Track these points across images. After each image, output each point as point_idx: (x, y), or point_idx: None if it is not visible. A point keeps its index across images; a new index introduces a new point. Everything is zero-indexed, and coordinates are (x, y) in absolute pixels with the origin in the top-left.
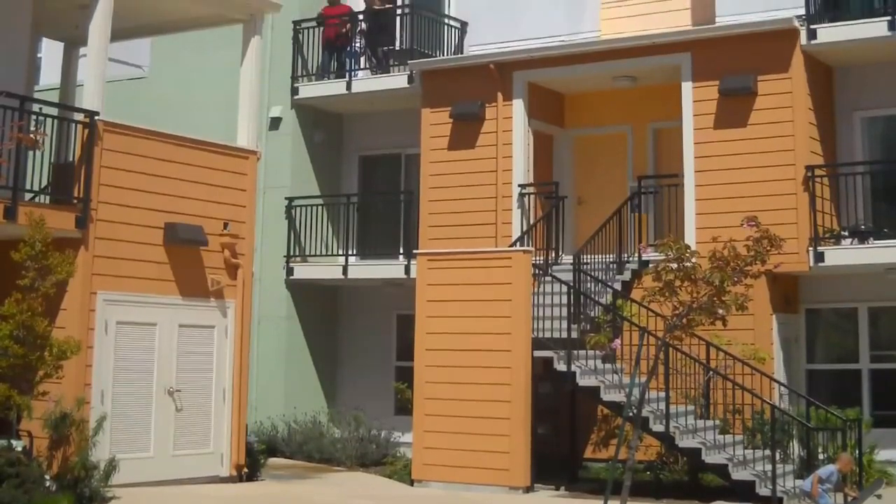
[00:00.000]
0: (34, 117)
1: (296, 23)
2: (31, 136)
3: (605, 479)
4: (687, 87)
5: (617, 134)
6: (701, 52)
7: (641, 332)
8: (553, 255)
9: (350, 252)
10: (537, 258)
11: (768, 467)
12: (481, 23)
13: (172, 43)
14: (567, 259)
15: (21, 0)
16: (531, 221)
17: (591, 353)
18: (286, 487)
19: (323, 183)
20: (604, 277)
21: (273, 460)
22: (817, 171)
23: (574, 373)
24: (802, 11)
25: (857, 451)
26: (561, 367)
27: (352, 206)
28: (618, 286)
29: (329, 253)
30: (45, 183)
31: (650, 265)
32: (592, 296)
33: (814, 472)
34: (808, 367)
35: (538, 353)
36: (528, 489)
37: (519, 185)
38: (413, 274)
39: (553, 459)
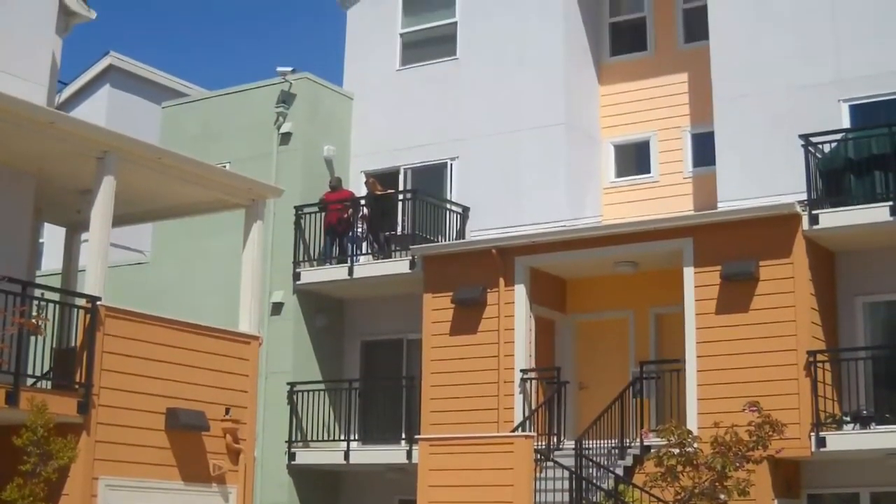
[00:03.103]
0: (36, 302)
1: (297, 208)
2: (33, 321)
3: None
4: (689, 273)
5: (618, 319)
6: (702, 238)
7: None
8: (555, 440)
9: (352, 437)
10: (539, 443)
11: None
12: (483, 208)
13: (174, 228)
14: (569, 444)
15: (23, 185)
16: (533, 406)
17: None
18: None
19: (325, 367)
20: (606, 463)
21: None
22: (819, 356)
23: None
24: (803, 196)
25: None
26: None
27: (354, 392)
28: (620, 471)
29: (331, 438)
30: (46, 368)
31: (652, 450)
32: (594, 481)
33: None
34: None
35: None
36: None
37: (521, 370)
38: (415, 459)
39: None
